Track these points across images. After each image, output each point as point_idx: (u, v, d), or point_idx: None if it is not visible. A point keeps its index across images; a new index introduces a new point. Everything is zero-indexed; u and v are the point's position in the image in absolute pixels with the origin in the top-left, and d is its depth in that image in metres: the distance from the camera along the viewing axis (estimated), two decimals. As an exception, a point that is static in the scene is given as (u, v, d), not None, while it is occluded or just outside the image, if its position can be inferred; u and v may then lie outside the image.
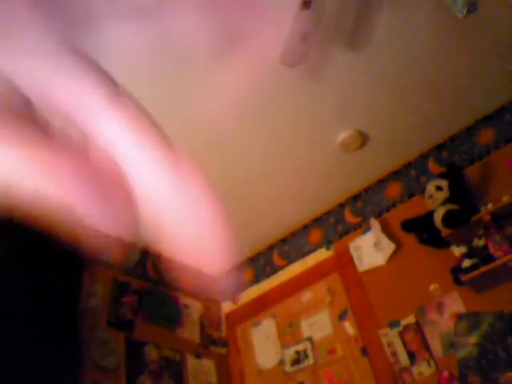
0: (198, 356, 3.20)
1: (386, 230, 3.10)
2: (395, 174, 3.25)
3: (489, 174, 2.87)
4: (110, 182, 0.33)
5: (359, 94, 2.69)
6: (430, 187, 2.83)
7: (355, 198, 3.38)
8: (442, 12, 2.27)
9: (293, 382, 3.14)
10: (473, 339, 2.49)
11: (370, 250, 3.12)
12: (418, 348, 2.71)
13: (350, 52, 2.46)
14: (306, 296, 3.34)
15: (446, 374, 2.58)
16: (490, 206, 2.63)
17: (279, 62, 2.21)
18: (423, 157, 3.17)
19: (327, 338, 3.12)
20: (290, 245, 3.58)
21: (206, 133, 2.64)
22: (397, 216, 3.07)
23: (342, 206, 3.43)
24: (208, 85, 2.39)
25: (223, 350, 3.47)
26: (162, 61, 2.24)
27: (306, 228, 3.55)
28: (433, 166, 3.11)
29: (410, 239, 2.97)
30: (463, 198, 2.76)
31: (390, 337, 2.83)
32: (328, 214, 3.48)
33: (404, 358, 2.73)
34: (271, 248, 3.66)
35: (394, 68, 2.59)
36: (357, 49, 2.45)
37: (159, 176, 0.35)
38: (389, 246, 3.03)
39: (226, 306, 3.69)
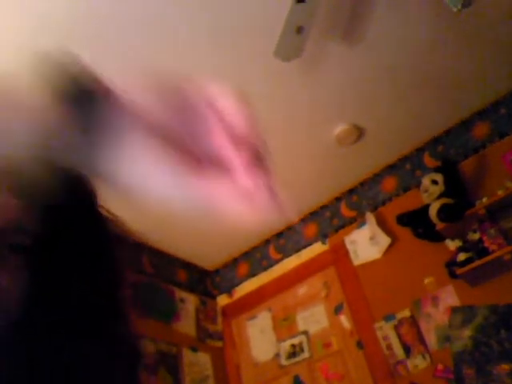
0: (194, 349, 3.21)
1: (382, 224, 3.11)
2: (391, 168, 3.26)
3: (484, 168, 2.88)
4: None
5: (355, 87, 2.69)
6: (426, 181, 2.84)
7: (351, 191, 3.39)
8: (439, 6, 2.27)
9: (288, 375, 3.15)
10: (467, 332, 2.50)
11: (366, 243, 3.13)
12: (413, 341, 2.73)
13: (346, 45, 2.45)
14: (302, 290, 3.35)
15: (440, 366, 2.59)
16: (484, 199, 2.64)
17: (274, 56, 2.20)
18: (419, 151, 3.17)
19: (323, 331, 3.13)
20: (285, 239, 3.59)
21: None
22: (392, 210, 3.08)
23: (337, 200, 3.43)
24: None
25: (219, 344, 3.48)
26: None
27: (301, 222, 3.55)
28: (428, 160, 3.11)
29: (405, 233, 2.97)
30: (458, 192, 2.77)
31: (385, 330, 2.84)
32: (324, 208, 3.48)
33: (399, 351, 2.75)
34: (267, 242, 3.66)
35: (390, 62, 2.59)
36: (353, 42, 2.45)
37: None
38: (384, 240, 3.04)
39: (222, 300, 3.70)
